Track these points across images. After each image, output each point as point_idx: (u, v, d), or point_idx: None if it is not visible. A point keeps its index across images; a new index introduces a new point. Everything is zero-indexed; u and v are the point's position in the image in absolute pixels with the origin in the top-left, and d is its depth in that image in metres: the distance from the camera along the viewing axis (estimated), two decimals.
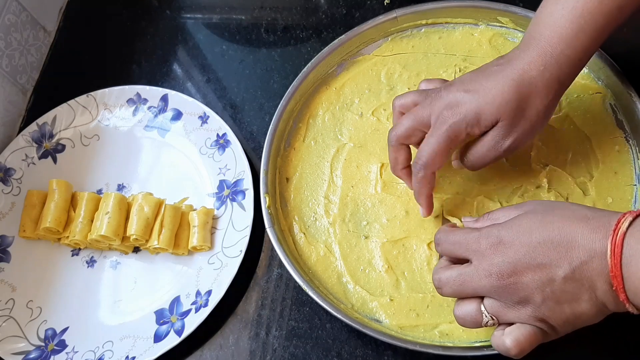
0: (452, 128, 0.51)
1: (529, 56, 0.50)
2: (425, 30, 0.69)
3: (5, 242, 0.66)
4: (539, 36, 0.51)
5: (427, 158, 0.52)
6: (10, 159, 0.69)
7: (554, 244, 0.42)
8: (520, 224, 0.44)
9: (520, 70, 0.50)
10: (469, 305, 0.46)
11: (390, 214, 0.60)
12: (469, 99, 0.50)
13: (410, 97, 0.55)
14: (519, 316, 0.44)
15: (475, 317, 0.46)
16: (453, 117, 0.51)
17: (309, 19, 0.76)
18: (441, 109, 0.51)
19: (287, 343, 0.58)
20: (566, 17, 0.50)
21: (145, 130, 0.70)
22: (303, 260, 0.60)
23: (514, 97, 0.50)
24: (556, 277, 0.42)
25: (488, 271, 0.44)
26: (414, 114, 0.53)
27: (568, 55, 0.50)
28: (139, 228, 0.61)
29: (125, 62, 0.77)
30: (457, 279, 0.46)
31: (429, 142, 0.52)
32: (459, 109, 0.50)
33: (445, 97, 0.52)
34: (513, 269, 0.43)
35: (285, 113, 0.65)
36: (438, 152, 0.52)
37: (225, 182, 0.65)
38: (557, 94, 0.51)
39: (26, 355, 0.60)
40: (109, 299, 0.63)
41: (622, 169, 0.60)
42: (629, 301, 0.41)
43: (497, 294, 0.44)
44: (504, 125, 0.50)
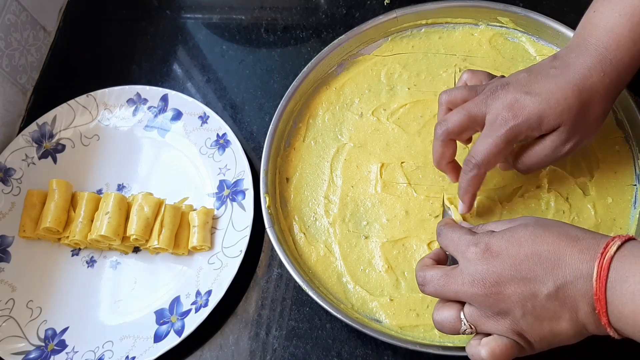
0: (513, 130, 0.50)
1: (589, 62, 0.50)
2: (425, 30, 0.69)
3: (5, 242, 0.66)
4: (597, 42, 0.50)
5: (482, 157, 0.52)
6: (10, 159, 0.69)
7: (541, 260, 0.42)
8: (512, 235, 0.44)
9: (582, 77, 0.50)
10: (448, 311, 0.46)
11: (390, 214, 0.60)
12: (531, 101, 0.50)
13: (459, 93, 0.55)
14: (497, 328, 0.44)
15: (453, 323, 0.46)
16: (514, 119, 0.50)
17: (309, 19, 0.76)
18: (500, 109, 0.50)
19: (287, 343, 0.58)
20: (624, 25, 0.50)
21: (145, 130, 0.70)
22: (303, 260, 0.60)
23: (577, 103, 0.49)
24: (539, 293, 0.42)
25: (472, 277, 0.44)
26: (466, 110, 0.53)
27: (625, 63, 0.50)
28: (139, 228, 0.61)
29: (125, 62, 0.77)
30: (441, 279, 0.46)
31: (486, 142, 0.51)
32: (520, 111, 0.50)
33: (504, 97, 0.51)
34: (497, 278, 0.43)
35: (285, 113, 0.65)
36: (495, 153, 0.51)
37: (225, 182, 0.65)
38: (614, 98, 0.52)
39: (26, 355, 0.60)
40: (109, 299, 0.63)
41: (622, 169, 0.60)
42: (610, 325, 0.40)
43: (477, 302, 0.44)
44: (566, 130, 0.50)
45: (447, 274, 0.46)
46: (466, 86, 0.55)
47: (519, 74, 0.53)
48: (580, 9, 0.53)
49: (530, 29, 0.66)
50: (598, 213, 0.58)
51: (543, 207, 0.59)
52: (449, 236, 0.48)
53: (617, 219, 0.58)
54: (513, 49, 0.67)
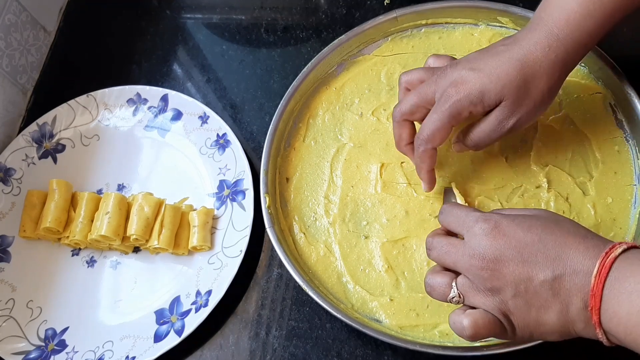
0: (455, 105, 0.51)
1: (536, 37, 0.51)
2: (425, 30, 0.69)
3: (5, 242, 0.66)
4: (547, 17, 0.51)
5: (428, 133, 0.53)
6: (11, 159, 0.69)
7: (545, 248, 0.42)
8: (523, 220, 0.45)
9: (526, 51, 0.50)
10: (441, 277, 0.47)
11: (390, 214, 0.60)
12: (473, 77, 0.51)
13: (416, 73, 0.56)
14: (485, 303, 0.44)
15: (444, 289, 0.46)
16: (457, 94, 0.51)
17: (309, 19, 0.76)
18: (445, 86, 0.52)
19: (287, 343, 0.58)
20: (576, 1, 0.50)
21: (145, 130, 0.70)
22: (303, 260, 0.60)
23: (519, 77, 0.50)
24: (535, 277, 0.42)
25: (473, 250, 0.44)
26: (418, 91, 0.54)
27: (574, 39, 0.50)
28: (139, 228, 0.62)
29: (125, 62, 0.77)
30: (445, 247, 0.47)
31: (431, 118, 0.53)
32: (463, 87, 0.51)
33: (450, 75, 0.52)
34: (498, 256, 0.43)
35: (285, 113, 0.65)
36: (440, 128, 0.52)
37: (225, 182, 0.65)
38: (561, 76, 0.52)
39: (26, 355, 0.60)
40: (109, 299, 0.63)
41: (622, 169, 0.60)
42: (600, 325, 0.40)
43: (472, 275, 0.44)
44: (508, 104, 0.51)
45: (451, 243, 0.47)
46: (424, 68, 0.57)
47: (472, 53, 0.54)
48: None
49: None
50: (598, 213, 0.58)
51: (543, 207, 0.59)
52: (454, 212, 0.48)
53: (617, 219, 0.58)
54: None
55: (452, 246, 0.46)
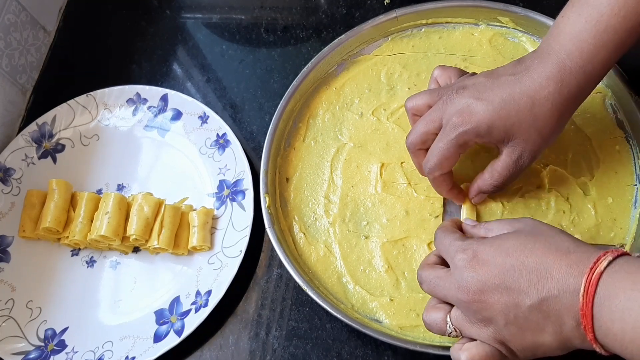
0: (462, 136, 0.50)
1: (548, 70, 0.49)
2: (425, 30, 0.69)
3: (5, 242, 0.66)
4: (559, 48, 0.49)
5: (435, 162, 0.52)
6: (10, 159, 0.69)
7: (527, 271, 0.41)
8: (501, 243, 0.44)
9: (538, 86, 0.49)
10: (436, 313, 0.47)
11: (390, 214, 0.60)
12: (481, 109, 0.49)
13: (421, 99, 0.55)
14: (480, 334, 0.44)
15: (440, 325, 0.46)
16: (463, 125, 0.50)
17: (309, 19, 0.76)
18: (452, 114, 0.50)
19: (287, 343, 0.58)
20: (589, 32, 0.48)
21: (145, 130, 0.70)
22: (303, 260, 0.60)
23: (529, 116, 0.49)
24: (522, 304, 0.41)
25: (458, 283, 0.44)
26: (426, 119, 0.53)
27: (587, 72, 0.49)
28: (138, 228, 0.61)
29: (125, 62, 0.77)
30: (433, 281, 0.47)
31: (437, 147, 0.52)
32: (470, 118, 0.50)
33: (457, 102, 0.51)
34: (481, 286, 0.43)
35: (285, 113, 0.65)
36: (447, 157, 0.52)
37: (225, 182, 0.65)
38: (572, 109, 0.51)
39: (26, 355, 0.60)
40: (109, 299, 0.63)
41: (623, 169, 0.60)
42: (596, 341, 0.39)
43: (462, 308, 0.44)
44: (519, 143, 0.50)
45: (439, 277, 0.46)
46: (429, 90, 0.56)
47: (478, 77, 0.52)
48: None
49: (530, 29, 0.66)
50: (598, 213, 0.58)
51: (543, 207, 0.59)
52: (441, 241, 0.49)
53: (618, 219, 0.58)
54: (513, 49, 0.67)
55: (439, 279, 0.46)
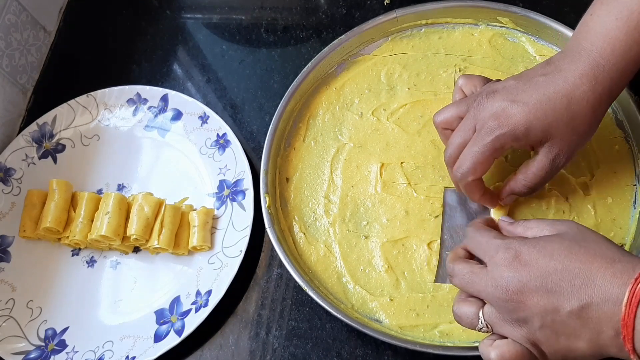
0: (498, 139, 0.49)
1: (580, 68, 0.49)
2: (425, 30, 0.69)
3: (5, 242, 0.66)
4: (591, 47, 0.49)
5: (469, 166, 0.52)
6: (11, 159, 0.69)
7: (570, 276, 0.41)
8: (545, 245, 0.43)
9: (572, 85, 0.48)
10: (468, 307, 0.46)
11: (390, 214, 0.60)
12: (517, 111, 0.49)
13: (450, 111, 0.54)
14: (513, 333, 0.43)
15: (471, 319, 0.46)
16: (499, 128, 0.49)
17: (309, 19, 0.76)
18: (486, 118, 0.50)
19: (287, 343, 0.58)
20: (621, 29, 0.48)
21: (145, 130, 0.70)
22: (303, 260, 0.60)
23: (566, 114, 0.48)
24: (561, 308, 0.41)
25: (496, 281, 0.43)
26: (461, 131, 0.52)
27: (620, 69, 0.49)
28: (139, 228, 0.61)
29: (125, 62, 0.77)
30: (467, 275, 0.46)
31: (471, 151, 0.51)
32: (506, 121, 0.49)
33: (490, 106, 0.50)
34: (521, 287, 0.42)
35: (285, 113, 0.65)
36: (482, 162, 0.51)
37: (225, 182, 0.65)
38: (606, 107, 0.50)
39: (26, 355, 0.60)
40: (109, 299, 0.63)
41: (622, 169, 0.60)
42: (634, 352, 0.39)
43: (497, 306, 0.44)
44: (556, 142, 0.49)
45: (473, 272, 0.46)
46: (455, 103, 0.55)
47: (507, 80, 0.52)
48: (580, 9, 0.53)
49: (530, 29, 0.66)
50: (598, 213, 0.58)
51: (544, 207, 0.59)
52: (476, 239, 0.48)
53: (617, 219, 0.58)
54: (513, 49, 0.67)
55: (474, 275, 0.45)
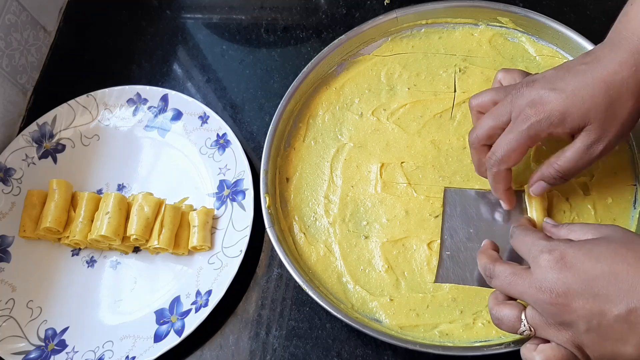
0: (535, 126, 0.49)
1: (620, 56, 0.48)
2: (425, 30, 0.69)
3: (5, 242, 0.66)
4: (631, 35, 0.48)
5: (503, 154, 0.51)
6: (11, 159, 0.69)
7: (617, 279, 0.40)
8: (591, 248, 0.43)
9: (611, 71, 0.48)
10: (510, 310, 0.45)
11: (390, 214, 0.60)
12: (554, 97, 0.48)
13: (487, 95, 0.54)
14: (557, 337, 0.43)
15: (513, 323, 0.45)
16: (536, 115, 0.49)
17: (309, 19, 0.76)
18: (523, 105, 0.50)
19: (287, 343, 0.58)
20: None
21: (145, 130, 0.70)
22: (303, 260, 0.60)
23: (605, 99, 0.47)
24: (608, 312, 0.40)
25: (540, 283, 0.43)
26: (494, 114, 0.52)
27: None
28: (139, 228, 0.62)
29: (125, 62, 0.77)
30: (509, 277, 0.45)
31: (507, 138, 0.51)
32: (543, 108, 0.49)
33: (527, 94, 0.50)
34: (566, 290, 0.41)
35: (285, 113, 0.65)
36: (516, 149, 0.50)
37: (225, 182, 0.65)
38: None
39: (26, 355, 0.60)
40: (109, 299, 0.63)
41: (622, 169, 0.60)
42: None
43: (541, 308, 0.43)
44: (594, 128, 0.48)
45: (516, 273, 0.45)
46: (494, 88, 0.55)
47: (548, 71, 0.52)
48: (580, 9, 0.53)
49: (530, 29, 0.66)
50: (598, 213, 0.58)
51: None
52: (521, 239, 0.47)
53: (617, 219, 0.58)
54: (513, 49, 0.67)
55: (517, 276, 0.45)
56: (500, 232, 0.58)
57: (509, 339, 0.53)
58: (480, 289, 0.56)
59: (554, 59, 0.65)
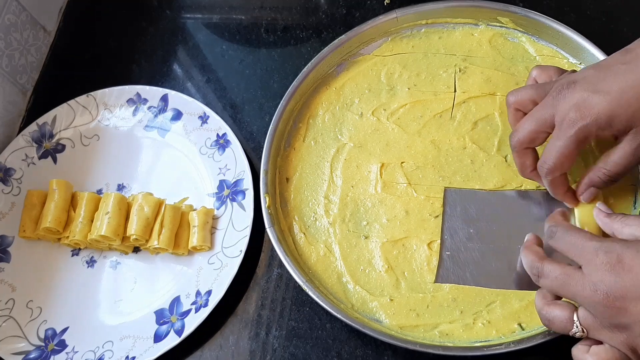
0: (582, 131, 0.48)
1: None
2: (425, 30, 0.69)
3: (5, 242, 0.66)
4: None
5: (554, 162, 0.50)
6: (10, 159, 0.69)
7: None
8: None
9: None
10: (561, 311, 0.45)
11: (390, 214, 0.60)
12: (599, 100, 0.47)
13: (525, 93, 0.53)
14: (612, 339, 0.42)
15: (565, 324, 0.45)
16: (582, 119, 0.48)
17: (309, 19, 0.76)
18: (567, 110, 0.49)
19: (287, 343, 0.58)
20: None
21: (145, 130, 0.70)
22: (303, 260, 0.60)
23: None
24: None
25: (595, 286, 0.42)
26: (535, 116, 0.51)
27: None
28: (139, 228, 0.61)
29: (125, 62, 0.77)
30: (560, 277, 0.45)
31: (555, 146, 0.50)
32: (588, 111, 0.48)
33: (570, 97, 0.49)
34: (624, 293, 0.41)
35: (285, 113, 0.65)
36: (567, 155, 0.50)
37: (225, 182, 0.65)
38: None
39: (26, 355, 0.60)
40: (109, 299, 0.63)
41: None
42: None
43: (595, 310, 0.42)
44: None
45: (567, 274, 0.44)
46: (533, 85, 0.54)
47: (586, 70, 0.51)
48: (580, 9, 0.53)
49: (530, 29, 0.66)
50: None
51: None
52: (568, 240, 0.46)
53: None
54: (513, 49, 0.67)
55: (569, 277, 0.44)
56: (501, 232, 0.58)
57: (509, 339, 0.53)
58: (480, 289, 0.56)
59: (554, 59, 0.65)
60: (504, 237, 0.58)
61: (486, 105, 0.64)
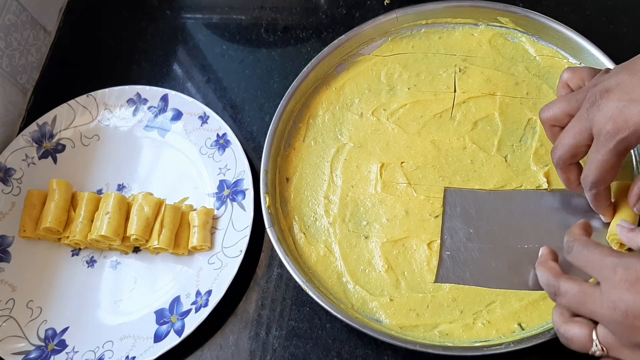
0: (622, 143, 0.47)
1: None
2: (425, 30, 0.69)
3: (5, 242, 0.66)
4: None
5: (596, 176, 0.49)
6: (11, 159, 0.69)
7: None
8: None
9: None
10: (579, 329, 0.44)
11: (390, 214, 0.60)
12: (637, 111, 0.45)
13: (558, 107, 0.52)
14: (632, 358, 0.41)
15: (584, 342, 0.44)
16: (621, 132, 0.46)
17: (309, 19, 0.76)
18: (604, 122, 0.47)
19: (287, 343, 0.58)
20: None
21: (145, 130, 0.70)
22: (303, 260, 0.60)
23: None
24: None
25: (615, 304, 0.41)
26: (572, 132, 0.50)
27: None
28: (139, 228, 0.62)
29: (125, 62, 0.77)
30: (578, 295, 0.44)
31: (595, 159, 0.49)
32: (626, 123, 0.46)
33: (605, 108, 0.47)
34: None
35: (285, 113, 0.65)
36: (607, 169, 0.49)
37: (225, 182, 0.65)
38: None
39: (26, 355, 0.60)
40: (109, 299, 0.63)
41: (622, 169, 0.59)
42: None
43: (614, 329, 0.41)
44: None
45: (585, 292, 0.43)
46: (564, 97, 0.53)
47: (620, 75, 0.48)
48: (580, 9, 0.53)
49: (530, 29, 0.66)
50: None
51: None
52: (586, 255, 0.45)
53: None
54: (513, 49, 0.67)
55: (586, 295, 0.43)
56: (501, 232, 0.58)
57: (509, 339, 0.53)
58: (480, 289, 0.56)
59: (554, 59, 0.65)
60: (504, 237, 0.58)
61: (486, 105, 0.64)
